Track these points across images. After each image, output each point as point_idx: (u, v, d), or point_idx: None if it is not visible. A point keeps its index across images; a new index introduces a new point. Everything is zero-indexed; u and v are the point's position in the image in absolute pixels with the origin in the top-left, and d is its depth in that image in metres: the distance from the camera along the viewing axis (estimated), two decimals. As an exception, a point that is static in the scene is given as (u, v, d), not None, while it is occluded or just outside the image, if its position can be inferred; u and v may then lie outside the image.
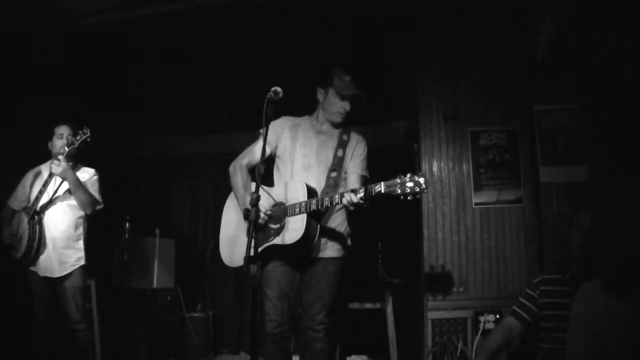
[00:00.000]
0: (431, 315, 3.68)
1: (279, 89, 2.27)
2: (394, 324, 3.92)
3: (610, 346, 1.77)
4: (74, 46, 4.00)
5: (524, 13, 3.64)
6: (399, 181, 2.13)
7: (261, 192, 2.66)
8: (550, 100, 3.84)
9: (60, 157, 3.17)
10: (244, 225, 2.66)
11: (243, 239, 2.66)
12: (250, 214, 2.07)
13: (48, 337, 3.32)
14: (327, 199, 2.35)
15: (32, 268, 3.31)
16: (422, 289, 3.85)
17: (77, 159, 3.41)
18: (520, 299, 2.40)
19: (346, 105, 2.68)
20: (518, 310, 2.37)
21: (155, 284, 4.70)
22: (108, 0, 3.60)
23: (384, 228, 4.97)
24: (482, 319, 3.57)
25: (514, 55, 3.91)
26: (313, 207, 2.37)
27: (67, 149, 3.21)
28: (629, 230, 2.01)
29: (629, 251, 1.99)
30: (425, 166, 3.91)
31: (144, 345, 4.57)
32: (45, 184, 3.30)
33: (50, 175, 3.28)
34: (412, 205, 4.11)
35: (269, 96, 2.26)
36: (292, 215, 2.45)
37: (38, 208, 3.29)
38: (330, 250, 2.61)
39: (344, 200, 2.27)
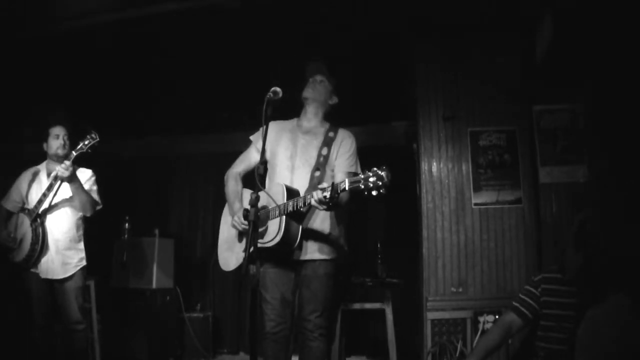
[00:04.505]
0: (430, 315, 3.68)
1: (278, 89, 2.27)
2: (394, 324, 3.92)
3: None
4: (74, 46, 4.00)
5: (524, 13, 3.64)
6: (362, 177, 2.10)
7: (248, 196, 2.70)
8: (550, 100, 3.84)
9: (67, 162, 3.13)
10: (233, 232, 2.73)
11: (233, 245, 2.73)
12: (250, 214, 2.07)
13: (46, 338, 3.32)
14: (301, 199, 2.35)
15: (32, 270, 3.30)
16: (421, 289, 3.85)
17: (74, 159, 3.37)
18: (521, 295, 2.39)
19: (311, 81, 2.78)
20: (519, 307, 2.36)
21: (154, 284, 4.69)
22: (107, 1, 3.60)
23: (384, 228, 4.98)
24: (481, 319, 3.57)
25: (514, 55, 3.91)
26: (290, 208, 2.38)
27: (74, 154, 3.17)
28: (628, 230, 2.01)
29: (627, 251, 1.98)
30: (424, 166, 3.91)
31: (143, 346, 4.56)
32: (50, 187, 3.27)
33: (55, 177, 3.23)
34: (411, 205, 4.16)
35: (268, 96, 2.26)
36: (272, 219, 2.48)
37: (40, 211, 3.27)
38: (317, 252, 2.60)
39: (313, 200, 2.26)
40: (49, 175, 3.37)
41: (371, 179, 2.07)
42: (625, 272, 1.97)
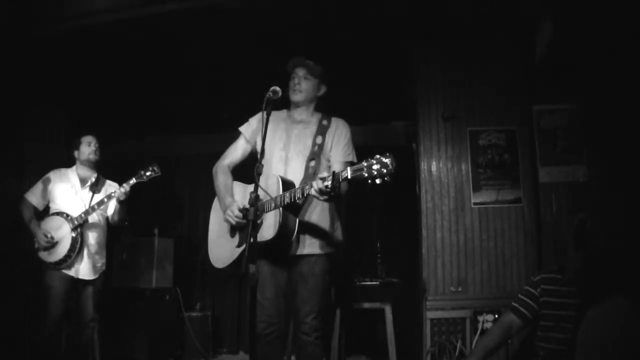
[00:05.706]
0: (430, 315, 3.68)
1: (277, 88, 2.27)
2: (393, 323, 3.92)
3: None
4: (75, 46, 4.00)
5: (524, 13, 3.64)
6: (365, 164, 2.01)
7: (241, 190, 2.67)
8: (549, 100, 3.84)
9: (127, 186, 3.44)
10: (225, 227, 2.67)
11: (225, 240, 2.66)
12: (249, 214, 2.05)
13: (53, 337, 3.43)
14: (299, 190, 2.28)
15: (64, 271, 3.44)
16: (421, 289, 3.85)
17: (101, 170, 3.70)
18: (520, 296, 2.39)
19: (295, 79, 2.69)
20: (518, 307, 2.36)
21: (154, 284, 4.70)
22: (107, 1, 3.60)
23: (383, 228, 4.98)
24: (480, 318, 3.57)
25: (513, 55, 3.92)
26: (287, 200, 2.31)
27: (134, 180, 3.46)
28: (627, 230, 2.01)
29: (627, 251, 1.99)
30: (424, 166, 3.91)
31: (142, 345, 4.55)
32: (101, 204, 3.48)
33: (109, 196, 3.46)
34: (411, 205, 4.16)
35: (268, 95, 2.24)
36: (267, 211, 2.40)
37: (82, 221, 3.46)
38: (313, 246, 2.53)
39: (312, 190, 2.18)
40: (81, 180, 3.61)
41: (375, 167, 1.98)
42: (625, 273, 1.97)
